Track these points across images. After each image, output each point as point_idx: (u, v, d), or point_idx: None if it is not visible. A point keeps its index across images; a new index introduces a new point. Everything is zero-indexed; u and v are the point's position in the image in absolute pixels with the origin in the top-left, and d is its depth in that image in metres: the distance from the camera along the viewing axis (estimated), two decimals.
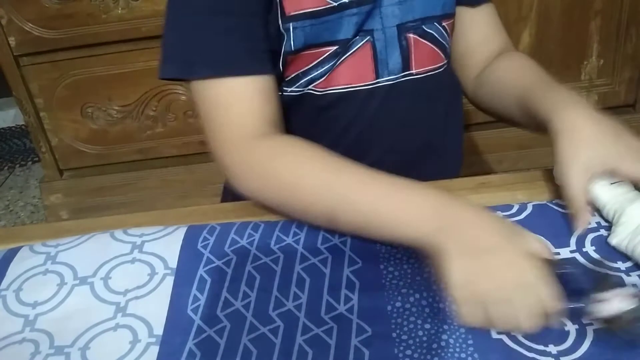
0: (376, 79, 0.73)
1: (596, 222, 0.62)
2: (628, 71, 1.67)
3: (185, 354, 0.54)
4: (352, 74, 0.72)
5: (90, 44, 1.59)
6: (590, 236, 0.61)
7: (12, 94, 1.68)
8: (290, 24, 0.67)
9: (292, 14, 0.67)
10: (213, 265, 0.63)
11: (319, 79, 0.72)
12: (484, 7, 0.81)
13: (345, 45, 0.70)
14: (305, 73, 0.72)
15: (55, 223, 0.80)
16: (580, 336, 0.51)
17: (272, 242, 0.65)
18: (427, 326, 0.53)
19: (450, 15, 0.77)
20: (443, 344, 0.51)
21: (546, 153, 0.63)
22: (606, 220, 0.61)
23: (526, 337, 0.51)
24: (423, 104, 0.77)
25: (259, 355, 0.53)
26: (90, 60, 1.63)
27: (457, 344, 0.51)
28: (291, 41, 0.68)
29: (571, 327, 0.51)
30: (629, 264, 0.57)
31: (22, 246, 0.70)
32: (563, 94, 0.65)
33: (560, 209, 0.65)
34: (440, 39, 0.75)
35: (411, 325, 0.53)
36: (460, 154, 0.87)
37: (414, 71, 0.74)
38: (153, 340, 0.56)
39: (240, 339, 0.54)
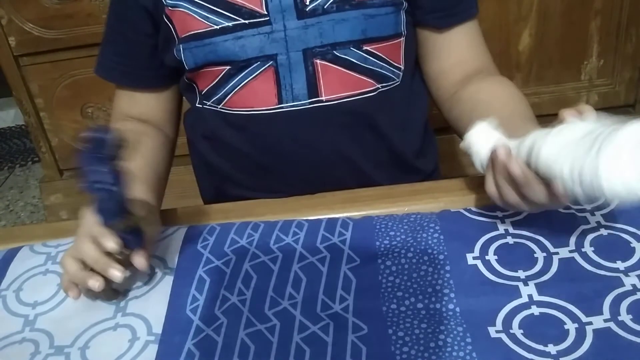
0: (279, 104, 0.71)
1: (596, 222, 0.62)
2: (628, 71, 1.67)
3: (184, 354, 0.54)
4: (254, 98, 0.72)
5: (90, 44, 1.58)
6: (590, 236, 0.61)
7: (12, 94, 1.68)
8: (181, 46, 0.71)
9: (182, 36, 0.71)
10: (212, 265, 0.63)
11: (224, 98, 0.73)
12: (456, 30, 0.75)
13: (238, 67, 0.70)
14: (212, 90, 0.73)
15: (55, 223, 0.80)
16: (580, 336, 0.51)
17: (272, 242, 0.65)
18: (424, 326, 0.53)
19: (380, 39, 0.71)
20: (441, 343, 0.51)
21: None
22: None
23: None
24: (341, 132, 0.73)
25: (257, 351, 0.53)
26: (90, 60, 1.61)
27: (455, 343, 0.51)
28: (184, 62, 0.72)
29: (571, 327, 0.52)
30: (628, 263, 0.57)
31: (22, 246, 0.70)
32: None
33: (560, 209, 0.65)
34: (363, 64, 0.71)
35: (407, 324, 0.54)
36: (429, 172, 0.83)
37: (323, 98, 0.71)
38: (152, 338, 0.56)
39: (237, 334, 0.55)
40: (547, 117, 0.58)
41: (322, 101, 0.71)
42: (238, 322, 0.56)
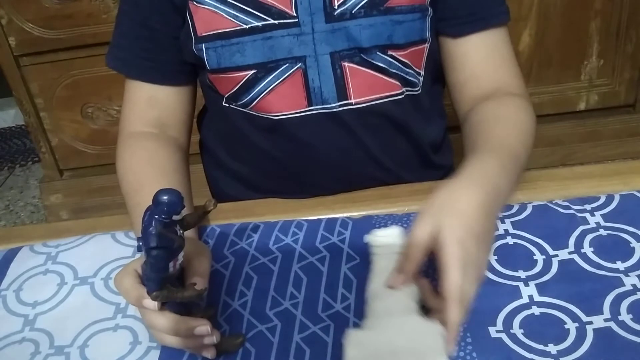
0: (308, 106, 0.70)
1: (595, 222, 0.62)
2: (628, 71, 1.67)
3: (185, 359, 0.54)
4: (284, 101, 0.70)
5: (90, 44, 1.59)
6: (590, 237, 0.61)
7: (12, 94, 1.68)
8: (203, 45, 0.69)
9: (204, 34, 0.69)
10: (212, 269, 0.62)
11: (250, 103, 0.71)
12: (472, 39, 0.72)
13: (266, 69, 0.69)
14: (236, 95, 0.72)
15: (55, 223, 0.80)
16: (581, 336, 0.51)
17: (271, 243, 0.65)
18: None
19: (405, 45, 0.70)
20: None
21: (546, 153, 0.63)
22: None
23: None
24: (369, 134, 0.73)
25: (257, 355, 0.53)
26: (90, 60, 1.63)
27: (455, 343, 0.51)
28: (206, 62, 0.70)
29: (571, 327, 0.52)
30: (628, 264, 0.57)
31: (22, 246, 0.70)
32: (478, 168, 0.58)
33: (560, 209, 0.65)
34: (390, 69, 0.70)
35: None
36: (448, 168, 0.83)
37: (352, 101, 0.70)
38: (154, 344, 0.56)
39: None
40: (547, 117, 0.58)
41: (351, 104, 0.70)
42: (239, 326, 0.56)
